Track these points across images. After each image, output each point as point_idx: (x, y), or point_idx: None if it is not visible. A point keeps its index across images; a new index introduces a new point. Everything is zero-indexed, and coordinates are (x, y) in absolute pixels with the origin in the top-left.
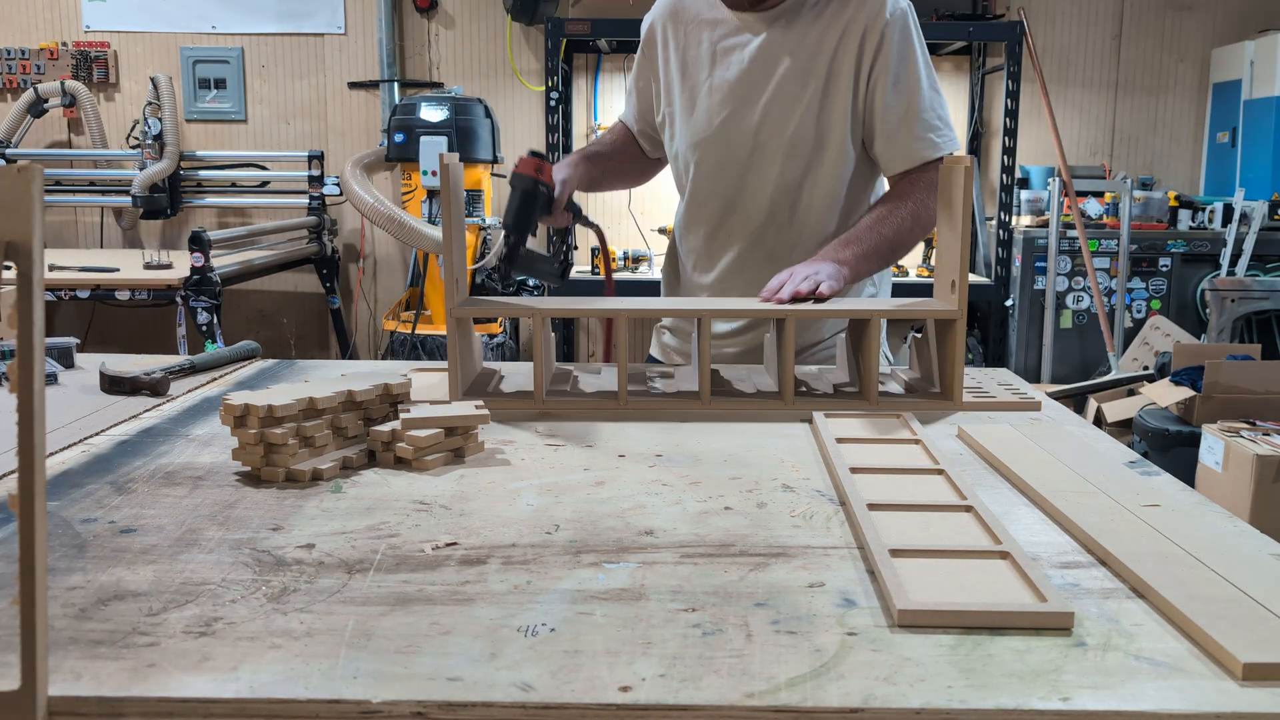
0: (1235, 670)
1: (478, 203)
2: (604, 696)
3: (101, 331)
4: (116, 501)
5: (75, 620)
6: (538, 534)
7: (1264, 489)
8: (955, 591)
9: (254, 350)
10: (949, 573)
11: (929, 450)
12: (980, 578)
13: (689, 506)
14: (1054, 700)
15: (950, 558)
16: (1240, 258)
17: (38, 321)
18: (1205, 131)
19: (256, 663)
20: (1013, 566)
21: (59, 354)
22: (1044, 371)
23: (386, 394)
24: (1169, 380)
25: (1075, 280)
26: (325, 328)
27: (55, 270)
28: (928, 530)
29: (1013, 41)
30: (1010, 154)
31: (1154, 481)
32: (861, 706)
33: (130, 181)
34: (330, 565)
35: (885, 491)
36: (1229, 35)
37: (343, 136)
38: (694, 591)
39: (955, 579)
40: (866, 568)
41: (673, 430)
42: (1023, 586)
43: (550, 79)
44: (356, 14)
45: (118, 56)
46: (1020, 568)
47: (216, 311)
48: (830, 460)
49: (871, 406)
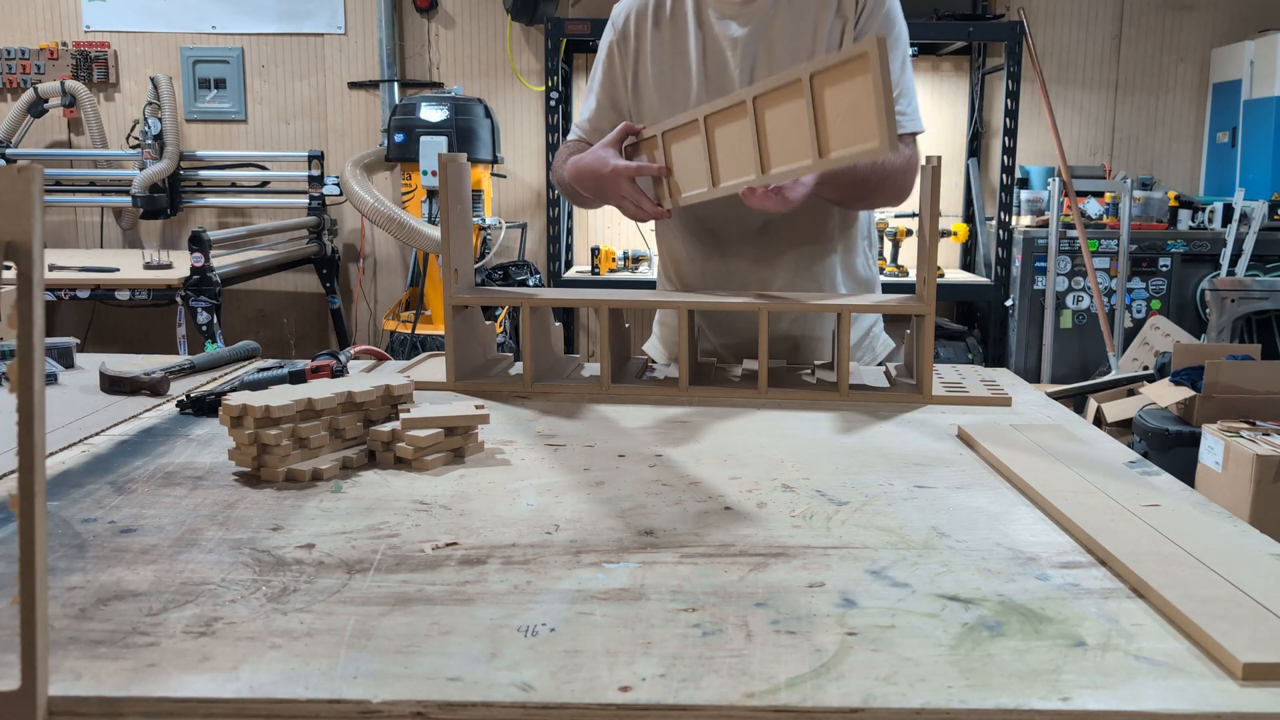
0: (1235, 670)
1: (478, 203)
2: (604, 696)
3: (101, 331)
4: (116, 501)
5: (75, 620)
6: (538, 534)
7: (1264, 489)
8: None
9: (254, 350)
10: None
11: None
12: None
13: (689, 506)
14: (1054, 700)
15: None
16: (1240, 258)
17: (38, 321)
18: (1205, 131)
19: (256, 663)
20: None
21: (59, 354)
22: (1044, 371)
23: (387, 395)
24: (1169, 380)
25: (1075, 280)
26: (325, 328)
27: (55, 270)
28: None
29: (1013, 41)
30: (1010, 154)
31: (1154, 481)
32: (861, 706)
33: (130, 181)
34: (330, 565)
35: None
36: (1229, 35)
37: (343, 136)
38: (694, 591)
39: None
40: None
41: (673, 430)
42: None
43: (550, 79)
44: (356, 14)
45: (118, 56)
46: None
47: (216, 311)
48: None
49: (842, 399)
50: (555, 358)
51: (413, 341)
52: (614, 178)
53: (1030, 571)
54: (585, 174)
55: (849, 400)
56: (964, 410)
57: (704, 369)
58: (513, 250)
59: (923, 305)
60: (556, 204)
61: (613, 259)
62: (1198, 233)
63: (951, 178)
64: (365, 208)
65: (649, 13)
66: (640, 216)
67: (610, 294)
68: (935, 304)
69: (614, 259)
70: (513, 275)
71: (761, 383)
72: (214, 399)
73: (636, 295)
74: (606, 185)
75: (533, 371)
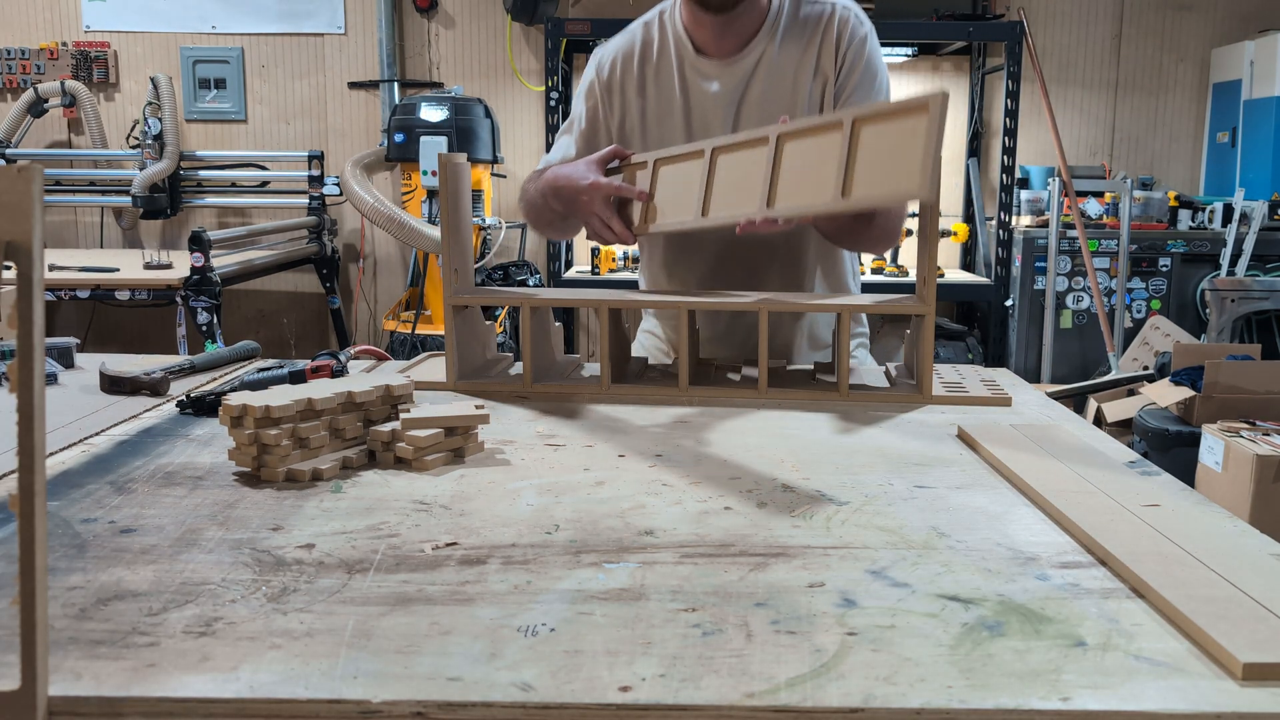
0: (1235, 670)
1: (478, 202)
2: (604, 696)
3: (101, 331)
4: (116, 501)
5: (75, 620)
6: (538, 534)
7: (1264, 489)
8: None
9: (254, 350)
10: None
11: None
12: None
13: (689, 506)
14: (1054, 700)
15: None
16: (1240, 258)
17: (38, 321)
18: (1205, 131)
19: (256, 663)
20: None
21: (59, 354)
22: (1044, 371)
23: (387, 395)
24: (1169, 380)
25: (1075, 280)
26: (325, 328)
27: (55, 270)
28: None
29: (1013, 41)
30: (1010, 154)
31: (1154, 481)
32: (861, 706)
33: (130, 181)
34: (330, 565)
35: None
36: (1229, 35)
37: (343, 136)
38: (694, 591)
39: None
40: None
41: (673, 430)
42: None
43: (550, 79)
44: (356, 14)
45: (118, 56)
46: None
47: (216, 311)
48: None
49: (842, 399)
50: (555, 358)
51: (413, 341)
52: (591, 191)
53: (1030, 571)
54: (563, 184)
55: (849, 400)
56: (964, 410)
57: (704, 369)
58: (513, 250)
59: (923, 305)
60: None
61: (613, 259)
62: (1198, 233)
63: (951, 178)
64: (365, 208)
65: (635, 61)
66: (607, 237)
67: (610, 294)
68: (935, 304)
69: (614, 259)
70: (513, 275)
71: (761, 383)
72: (214, 399)
73: (636, 295)
74: (582, 198)
75: (533, 371)
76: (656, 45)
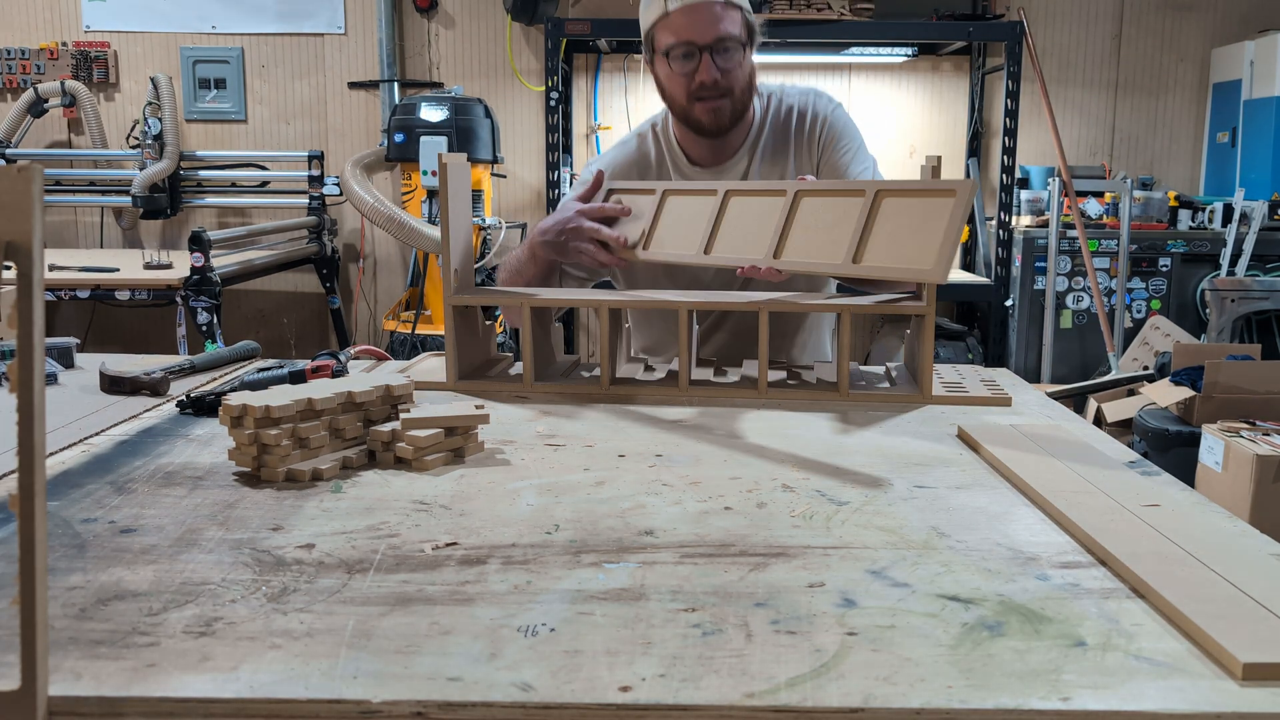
0: (1235, 670)
1: (478, 203)
2: (604, 696)
3: (101, 331)
4: (116, 501)
5: (75, 620)
6: (538, 534)
7: (1264, 489)
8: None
9: (254, 350)
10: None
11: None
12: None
13: (689, 506)
14: (1054, 700)
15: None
16: (1240, 258)
17: (38, 321)
18: (1205, 131)
19: (256, 663)
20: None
21: (59, 354)
22: (1044, 371)
23: (387, 395)
24: (1169, 380)
25: (1075, 280)
26: (325, 328)
27: (55, 270)
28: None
29: (1013, 41)
30: (1010, 154)
31: (1154, 481)
32: (861, 706)
33: (130, 181)
34: (330, 565)
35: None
36: (1229, 35)
37: (343, 136)
38: (694, 591)
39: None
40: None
41: (673, 430)
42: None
43: (550, 79)
44: (356, 14)
45: (118, 56)
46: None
47: (216, 311)
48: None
49: (842, 399)
50: (555, 358)
51: (413, 341)
52: (577, 217)
53: (1030, 571)
54: (549, 226)
55: (849, 400)
56: (964, 410)
57: (704, 364)
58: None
59: (923, 305)
60: (555, 204)
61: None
62: (1198, 233)
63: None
64: (365, 208)
65: (635, 171)
66: (601, 258)
67: (610, 294)
68: (935, 304)
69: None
70: None
71: (761, 383)
72: (214, 399)
73: (636, 295)
74: (569, 226)
75: (533, 371)
76: (654, 156)
